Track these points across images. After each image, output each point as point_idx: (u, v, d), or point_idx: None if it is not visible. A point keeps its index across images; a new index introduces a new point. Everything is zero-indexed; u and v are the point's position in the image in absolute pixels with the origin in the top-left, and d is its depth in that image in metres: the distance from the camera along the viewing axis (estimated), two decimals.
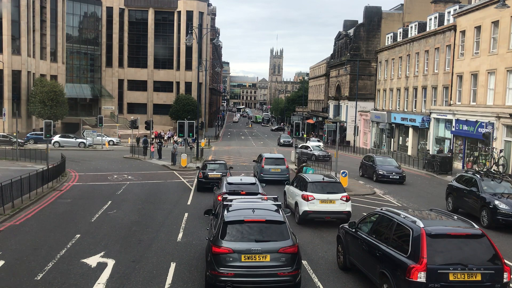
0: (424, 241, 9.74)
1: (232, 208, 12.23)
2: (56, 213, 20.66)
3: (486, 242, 10.02)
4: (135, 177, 32.78)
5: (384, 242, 11.08)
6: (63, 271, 12.90)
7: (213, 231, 11.96)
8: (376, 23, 75.28)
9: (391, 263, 10.41)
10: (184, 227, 18.17)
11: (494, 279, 9.63)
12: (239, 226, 11.35)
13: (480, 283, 9.57)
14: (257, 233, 11.27)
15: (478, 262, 9.68)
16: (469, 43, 43.29)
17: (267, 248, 10.94)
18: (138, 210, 21.29)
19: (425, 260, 9.56)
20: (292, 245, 11.10)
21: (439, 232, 10.08)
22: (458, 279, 9.52)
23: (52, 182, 27.46)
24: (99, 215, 20.09)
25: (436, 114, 48.67)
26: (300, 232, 17.38)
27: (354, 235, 12.59)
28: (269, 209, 12.37)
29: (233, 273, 10.80)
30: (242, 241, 11.08)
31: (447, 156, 39.51)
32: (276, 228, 11.38)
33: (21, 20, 66.86)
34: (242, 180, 20.72)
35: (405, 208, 23.13)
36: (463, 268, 9.56)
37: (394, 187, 30.62)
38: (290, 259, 10.98)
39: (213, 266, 10.92)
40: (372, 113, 69.07)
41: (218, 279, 10.85)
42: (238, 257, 10.83)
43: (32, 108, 65.82)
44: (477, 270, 9.57)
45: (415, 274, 9.53)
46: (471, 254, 9.78)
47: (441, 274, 9.52)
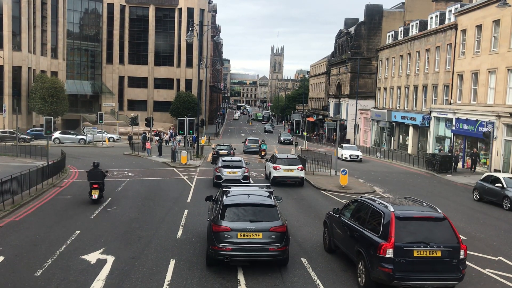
0: (393, 223, 11.30)
1: (230, 194, 14.14)
2: (56, 209, 20.67)
3: (447, 224, 11.56)
4: (135, 174, 32.78)
5: (361, 225, 12.64)
6: (63, 267, 12.91)
7: (213, 213, 13.72)
8: (377, 21, 75.21)
9: (366, 242, 11.93)
10: (183, 224, 18.17)
11: (452, 256, 11.14)
12: (236, 209, 13.21)
13: (440, 259, 11.10)
14: (252, 215, 13.08)
15: (438, 241, 11.20)
16: (470, 42, 43.26)
17: (260, 227, 12.74)
18: (138, 207, 21.30)
19: (393, 239, 11.09)
20: (281, 225, 12.90)
21: (406, 215, 11.61)
22: (421, 255, 11.03)
23: (52, 178, 27.44)
24: (99, 211, 20.10)
25: (437, 113, 48.64)
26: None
27: (338, 220, 14.17)
28: (262, 195, 14.34)
29: (230, 248, 12.52)
30: (238, 221, 12.87)
31: (447, 155, 39.50)
32: (268, 211, 13.21)
33: (22, 16, 66.73)
34: (232, 159, 29.65)
35: None
36: (426, 246, 11.08)
37: (395, 186, 30.60)
38: (280, 237, 12.76)
39: (214, 242, 12.67)
40: (373, 111, 69.02)
41: (218, 253, 12.60)
42: (235, 234, 12.61)
43: (32, 104, 65.76)
44: (438, 248, 11.10)
45: (384, 251, 11.09)
46: (433, 234, 11.32)
47: (406, 250, 11.02)
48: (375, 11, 75.35)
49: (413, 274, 11.10)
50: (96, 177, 22.05)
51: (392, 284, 11.17)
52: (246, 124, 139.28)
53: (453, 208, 23.64)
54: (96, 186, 21.90)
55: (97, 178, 22.04)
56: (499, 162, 37.18)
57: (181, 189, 27.00)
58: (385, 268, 11.08)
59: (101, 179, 22.21)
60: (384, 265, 11.10)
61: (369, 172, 38.20)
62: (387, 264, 11.06)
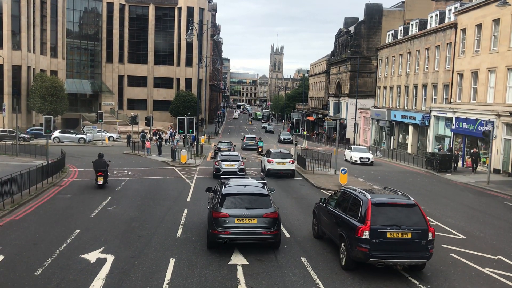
0: (369, 209, 12.76)
1: (229, 185, 15.82)
2: (55, 208, 20.67)
3: (417, 210, 13.04)
4: (135, 173, 32.78)
5: (343, 211, 14.13)
6: (63, 267, 12.90)
7: (213, 202, 15.29)
8: (377, 20, 75.26)
9: (347, 226, 13.38)
10: (183, 223, 18.16)
11: (421, 237, 12.59)
12: (233, 198, 14.81)
13: (410, 240, 12.55)
14: (247, 203, 14.69)
15: (409, 224, 12.65)
16: (469, 41, 43.27)
17: (254, 213, 14.36)
18: (137, 206, 21.29)
19: (369, 222, 12.55)
20: (273, 212, 14.53)
21: (381, 202, 13.06)
22: (394, 236, 12.51)
23: (52, 177, 27.42)
24: (98, 210, 20.09)
25: (436, 112, 48.65)
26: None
27: (324, 209, 15.70)
28: (257, 186, 16.09)
29: (229, 232, 14.09)
30: (235, 208, 14.49)
31: (447, 154, 39.48)
32: (261, 200, 14.86)
33: (21, 15, 66.75)
34: (229, 153, 33.88)
35: None
36: (398, 228, 12.55)
37: (394, 185, 30.56)
38: (272, 222, 14.39)
39: (214, 227, 14.23)
40: (372, 110, 69.03)
41: (218, 236, 14.17)
42: (233, 220, 14.18)
43: (32, 104, 65.78)
44: (408, 230, 12.56)
45: (362, 233, 12.53)
46: (404, 218, 12.75)
47: (381, 232, 12.48)
48: (375, 10, 75.38)
49: (386, 253, 12.54)
50: (101, 166, 25.88)
51: (368, 261, 12.66)
52: (245, 123, 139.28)
53: (453, 207, 23.65)
54: (101, 173, 25.75)
55: (101, 167, 25.87)
56: (499, 161, 37.21)
57: (181, 188, 27.01)
58: (362, 248, 12.52)
59: (105, 167, 26.06)
60: (362, 245, 12.53)
61: (368, 171, 38.20)
62: (364, 244, 12.50)
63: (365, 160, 43.59)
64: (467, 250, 15.54)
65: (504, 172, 36.61)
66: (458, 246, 16.04)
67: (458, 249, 15.67)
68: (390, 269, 13.33)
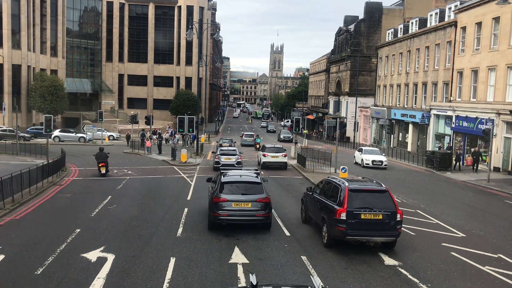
0: (346, 194, 14.71)
1: (227, 175, 17.97)
2: (56, 207, 20.69)
3: (388, 195, 14.99)
4: (135, 172, 32.80)
5: (326, 197, 16.10)
6: (63, 266, 12.91)
7: (214, 190, 17.50)
8: (376, 18, 75.22)
9: (328, 210, 15.36)
10: (184, 222, 18.17)
11: (391, 218, 14.47)
12: (231, 185, 17.03)
13: (381, 220, 14.44)
14: (243, 190, 16.92)
15: (380, 207, 14.55)
16: (469, 39, 43.26)
17: (249, 198, 16.50)
18: (138, 205, 21.30)
19: (346, 205, 14.48)
20: (265, 197, 16.71)
21: (356, 188, 15.07)
22: (367, 217, 14.43)
23: (52, 176, 27.43)
24: (99, 210, 20.10)
25: (436, 110, 48.66)
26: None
27: (311, 196, 17.70)
28: (251, 175, 18.31)
29: (227, 214, 16.31)
30: (233, 194, 16.65)
31: (447, 152, 39.46)
32: (255, 187, 17.12)
33: (21, 14, 66.66)
34: (228, 148, 38.06)
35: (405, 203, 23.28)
36: (370, 210, 14.45)
37: (394, 184, 30.61)
38: (264, 206, 16.56)
39: (214, 210, 16.41)
40: (372, 109, 69.01)
41: (218, 218, 16.39)
42: (230, 204, 16.35)
43: (32, 103, 65.74)
44: (379, 212, 14.46)
45: (340, 214, 14.46)
46: (376, 202, 14.70)
47: (356, 214, 14.40)
48: (374, 8, 75.34)
49: (360, 231, 14.47)
50: (102, 157, 29.95)
51: (345, 239, 14.59)
52: (245, 122, 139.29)
53: (453, 206, 23.66)
54: (103, 164, 29.83)
55: (103, 158, 29.94)
56: (499, 160, 37.22)
57: (181, 187, 27.02)
58: (340, 227, 14.47)
59: (105, 159, 29.99)
60: (340, 225, 14.47)
61: (368, 170, 38.19)
62: (342, 224, 14.44)
63: (378, 164, 39.38)
64: (467, 249, 15.56)
65: (504, 171, 36.61)
66: (459, 244, 16.07)
67: (459, 247, 15.70)
68: (363, 246, 15.20)
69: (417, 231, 17.76)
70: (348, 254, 14.60)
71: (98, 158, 29.88)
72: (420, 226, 18.51)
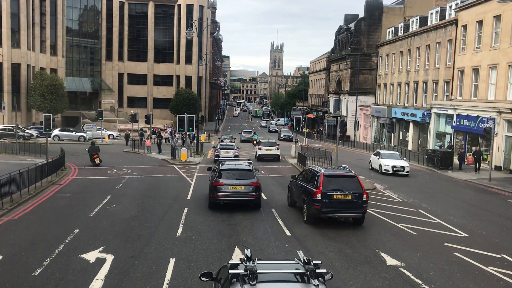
0: (322, 179, 17.75)
1: (224, 164, 21.59)
2: (55, 207, 20.53)
3: (356, 180, 18.08)
4: (135, 171, 32.63)
5: (306, 182, 19.16)
6: (61, 267, 12.74)
7: (213, 176, 20.76)
8: (377, 17, 75.04)
9: (307, 192, 18.34)
10: (184, 222, 18.00)
11: (358, 198, 17.45)
12: (227, 172, 20.47)
13: (350, 200, 17.45)
14: (237, 176, 20.32)
15: (349, 189, 17.56)
16: (470, 38, 43.08)
17: (242, 183, 19.93)
18: (137, 205, 21.13)
19: (321, 188, 17.45)
20: (256, 182, 20.15)
21: (330, 174, 18.32)
22: (338, 197, 17.40)
23: (51, 176, 27.27)
24: (98, 209, 19.92)
25: (437, 109, 48.49)
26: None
27: (295, 183, 20.77)
28: (244, 164, 22.02)
29: (224, 195, 19.68)
30: (229, 179, 20.02)
31: (448, 151, 39.26)
32: (248, 173, 20.59)
33: (21, 13, 66.44)
34: (227, 143, 43.31)
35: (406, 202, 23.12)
36: (341, 192, 17.45)
37: (395, 182, 30.47)
38: (255, 189, 19.93)
39: (214, 192, 19.81)
40: (373, 107, 68.85)
41: (217, 199, 19.77)
42: (227, 187, 19.69)
43: (31, 102, 65.58)
44: (348, 193, 17.44)
45: (316, 195, 17.46)
46: (346, 185, 17.72)
47: (329, 195, 17.34)
48: (375, 6, 75.15)
49: (333, 209, 17.46)
50: (95, 150, 34.63)
51: (320, 216, 17.62)
52: (246, 121, 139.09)
53: (454, 205, 23.49)
54: (96, 156, 34.24)
55: (95, 151, 34.58)
56: (500, 158, 37.07)
57: (181, 186, 26.87)
58: (316, 206, 17.45)
59: (98, 151, 34.71)
60: (316, 204, 17.45)
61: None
62: (317, 203, 17.40)
63: (399, 170, 34.22)
64: (470, 249, 15.38)
65: (505, 169, 36.45)
66: (461, 244, 15.90)
67: (461, 247, 15.52)
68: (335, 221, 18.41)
69: (419, 231, 17.61)
70: (348, 254, 14.48)
71: (91, 151, 34.38)
72: (422, 226, 18.35)
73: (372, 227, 18.06)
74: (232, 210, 19.85)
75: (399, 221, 19.13)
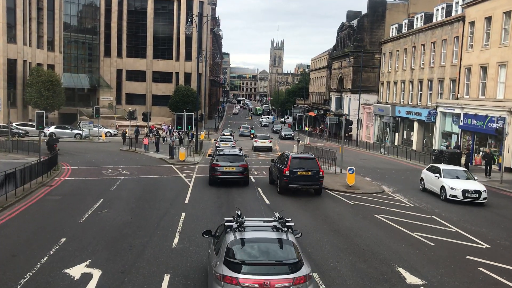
0: (290, 160, 23.70)
1: (221, 151, 27.94)
2: (42, 212, 19.11)
3: (315, 161, 24.24)
4: (131, 171, 31.21)
5: (280, 164, 24.91)
6: (42, 284, 11.36)
7: (212, 159, 27.37)
8: (380, 13, 73.70)
9: (280, 170, 24.23)
10: (180, 230, 16.59)
11: (316, 174, 23.54)
12: (223, 156, 26.34)
13: (310, 175, 23.50)
14: (231, 159, 26.22)
15: (309, 167, 23.54)
16: (478, 35, 41.75)
17: (234, 164, 25.84)
18: (131, 210, 19.71)
19: (289, 166, 23.35)
20: (244, 164, 26.13)
21: (296, 156, 24.61)
22: (301, 174, 23.39)
23: (42, 176, 25.83)
24: (88, 214, 18.51)
25: (443, 108, 47.13)
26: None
27: (273, 165, 26.64)
28: (236, 151, 28.63)
29: (220, 174, 25.58)
30: (224, 162, 25.92)
31: (456, 151, 37.80)
32: (238, 157, 26.49)
33: (17, 7, 65.00)
34: (226, 137, 52.51)
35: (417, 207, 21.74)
36: (303, 169, 23.45)
37: (403, 185, 29.08)
38: (244, 170, 25.93)
39: (213, 172, 25.86)
40: (376, 106, 67.48)
41: (215, 177, 25.73)
42: (222, 168, 25.60)
43: (28, 98, 64.24)
44: (309, 170, 23.53)
45: (285, 172, 23.34)
46: (307, 165, 23.73)
47: (295, 171, 23.29)
48: (378, 3, 73.78)
49: (297, 182, 23.60)
50: (55, 141, 39.32)
51: (288, 187, 23.67)
52: (245, 119, 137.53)
53: (468, 210, 21.91)
54: (56, 145, 37.85)
55: (55, 142, 39.24)
56: (510, 159, 35.73)
57: (179, 188, 25.48)
58: (285, 179, 23.55)
59: (57, 142, 39.64)
60: (284, 178, 23.55)
61: (374, 169, 36.66)
62: (286, 178, 23.50)
63: (472, 196, 23.44)
64: (496, 263, 13.94)
65: None
66: (485, 257, 14.46)
67: (485, 261, 14.10)
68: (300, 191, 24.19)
69: (436, 241, 16.15)
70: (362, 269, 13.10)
71: (51, 142, 38.68)
72: (439, 235, 16.89)
73: (385, 236, 16.68)
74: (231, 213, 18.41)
75: (413, 229, 17.70)
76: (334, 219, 19.27)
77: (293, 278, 9.13)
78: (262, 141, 50.28)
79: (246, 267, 9.19)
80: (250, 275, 9.08)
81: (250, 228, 10.10)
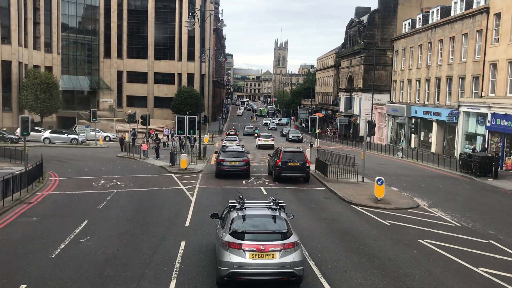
0: (282, 153, 28.75)
1: (226, 148, 32.72)
2: (8, 242, 15.45)
3: (303, 153, 29.14)
4: (125, 182, 27.62)
5: (275, 157, 29.60)
6: None
7: (218, 155, 31.69)
8: (392, 9, 70.32)
9: (274, 162, 29.19)
10: (179, 268, 12.89)
11: (303, 165, 28.54)
12: (227, 152, 30.74)
13: (298, 166, 28.42)
14: (234, 155, 30.41)
15: (298, 159, 28.59)
16: (505, 27, 38.33)
17: (237, 159, 30.01)
18: (119, 236, 16.13)
19: (281, 158, 28.39)
20: (246, 159, 30.37)
21: (287, 150, 29.55)
22: (291, 165, 28.30)
23: (20, 192, 22.14)
24: (65, 244, 14.91)
25: (467, 107, 43.48)
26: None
27: (271, 158, 31.17)
28: (239, 147, 33.10)
29: (225, 168, 29.89)
30: (228, 157, 30.14)
31: (488, 156, 33.96)
32: (241, 153, 30.75)
33: (11, 6, 62.04)
34: (231, 136, 60.88)
35: (466, 227, 18.09)
36: (293, 161, 28.41)
37: (438, 196, 25.37)
38: (245, 164, 30.07)
39: (219, 165, 30.10)
40: (389, 106, 63.88)
41: (221, 170, 29.98)
42: (227, 162, 29.84)
43: (23, 101, 61.15)
44: (298, 162, 28.45)
45: (277, 163, 28.42)
46: (296, 157, 28.69)
47: (286, 162, 28.22)
48: None
49: (288, 171, 28.28)
50: None
51: (280, 176, 28.30)
52: (250, 120, 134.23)
53: None
54: None
55: None
56: None
57: (179, 204, 21.85)
58: (278, 169, 28.24)
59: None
60: (278, 168, 28.24)
61: (398, 176, 32.94)
62: (278, 168, 28.19)
63: None
64: None
65: None
66: None
67: None
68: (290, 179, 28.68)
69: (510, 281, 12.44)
70: None
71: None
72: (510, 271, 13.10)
73: (444, 275, 12.90)
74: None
75: (475, 262, 13.91)
76: (372, 248, 15.44)
77: (283, 244, 11.22)
78: (265, 139, 56.41)
79: (247, 235, 11.36)
80: (250, 241, 11.23)
81: (250, 207, 12.60)
